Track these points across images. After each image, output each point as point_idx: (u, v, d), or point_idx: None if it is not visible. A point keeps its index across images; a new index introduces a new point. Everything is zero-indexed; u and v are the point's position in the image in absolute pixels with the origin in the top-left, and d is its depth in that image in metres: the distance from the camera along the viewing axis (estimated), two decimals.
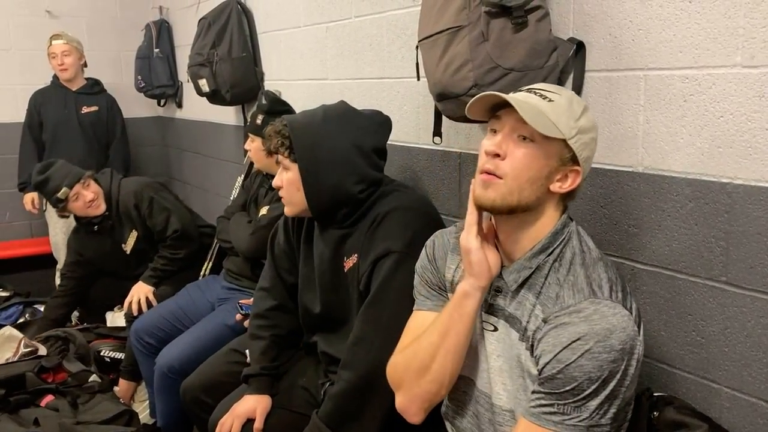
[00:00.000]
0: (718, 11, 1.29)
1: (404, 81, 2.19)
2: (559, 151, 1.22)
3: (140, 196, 3.03)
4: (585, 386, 1.13)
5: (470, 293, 1.28)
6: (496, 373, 1.32)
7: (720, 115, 1.32)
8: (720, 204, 1.34)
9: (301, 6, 2.79)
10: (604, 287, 1.19)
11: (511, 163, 1.21)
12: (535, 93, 1.24)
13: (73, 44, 3.91)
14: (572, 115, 1.22)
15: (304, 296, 1.97)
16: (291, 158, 1.81)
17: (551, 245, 1.25)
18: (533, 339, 1.22)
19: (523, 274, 1.26)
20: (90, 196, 2.99)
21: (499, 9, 1.53)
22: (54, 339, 2.70)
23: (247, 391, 1.90)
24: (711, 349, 1.39)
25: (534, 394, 1.19)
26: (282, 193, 1.87)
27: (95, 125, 4.03)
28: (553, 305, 1.21)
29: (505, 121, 1.23)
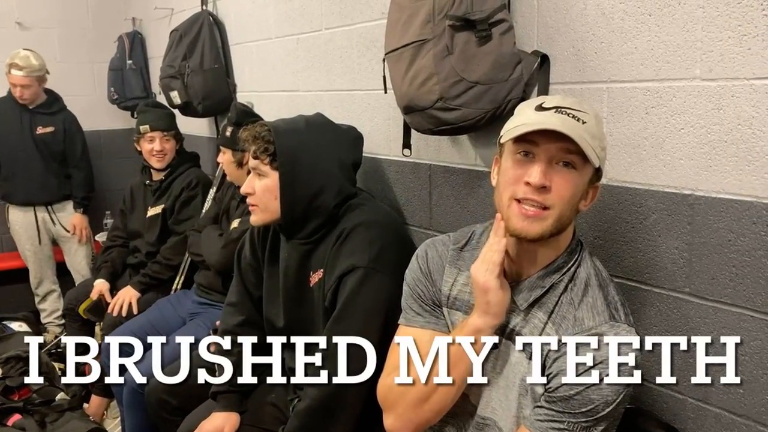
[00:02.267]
0: (677, 25, 1.31)
1: (374, 93, 2.19)
2: (591, 173, 1.21)
3: (195, 184, 3.09)
4: (600, 409, 1.13)
5: (484, 331, 1.23)
6: (491, 389, 1.31)
7: (681, 127, 1.33)
8: (682, 215, 1.34)
9: (272, 18, 2.79)
10: (620, 310, 1.19)
11: (558, 193, 1.16)
12: (567, 114, 1.17)
13: (33, 75, 3.71)
14: (600, 135, 1.20)
15: (268, 309, 1.96)
16: (272, 165, 1.78)
17: (566, 264, 1.24)
18: (545, 358, 1.20)
19: (535, 294, 1.24)
20: (159, 147, 3.08)
21: (463, 22, 1.54)
22: (15, 360, 2.65)
23: (216, 408, 1.88)
24: (676, 360, 1.39)
25: (540, 409, 1.19)
26: (254, 200, 1.83)
27: (51, 145, 3.88)
28: (571, 327, 1.19)
29: (544, 147, 1.16)
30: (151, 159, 3.11)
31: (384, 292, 1.67)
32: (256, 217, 1.85)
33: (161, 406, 2.16)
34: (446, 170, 1.96)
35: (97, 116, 4.39)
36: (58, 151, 3.90)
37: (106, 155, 4.34)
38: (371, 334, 1.64)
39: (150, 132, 3.07)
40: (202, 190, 3.08)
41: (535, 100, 1.24)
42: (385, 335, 1.63)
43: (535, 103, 1.22)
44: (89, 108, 4.47)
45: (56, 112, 3.92)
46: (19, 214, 3.87)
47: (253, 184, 1.81)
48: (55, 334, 3.82)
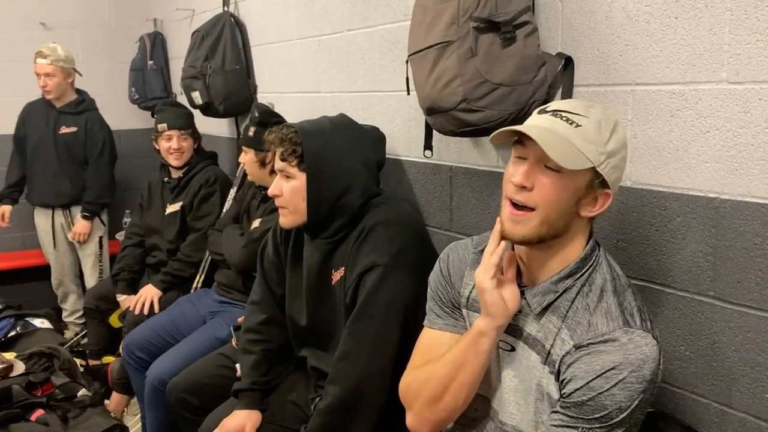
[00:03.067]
0: (704, 27, 1.30)
1: (395, 94, 2.20)
2: (588, 177, 1.18)
3: (213, 181, 3.13)
4: (614, 415, 1.13)
5: (486, 332, 1.25)
6: (509, 393, 1.31)
7: (707, 130, 1.33)
8: (707, 219, 1.34)
9: (294, 19, 2.80)
10: (636, 316, 1.18)
11: (540, 193, 1.17)
12: (561, 117, 1.19)
13: (58, 64, 3.67)
14: (601, 140, 1.17)
15: (290, 308, 1.97)
16: (299, 166, 1.80)
17: (579, 270, 1.23)
18: (560, 363, 1.21)
19: (548, 298, 1.24)
20: (176, 146, 3.11)
21: (488, 25, 1.54)
22: (38, 356, 2.67)
23: (237, 406, 1.90)
24: (699, 363, 1.39)
25: (556, 414, 1.19)
26: (282, 202, 1.84)
27: (71, 146, 3.80)
28: (585, 332, 1.19)
29: (530, 149, 1.18)
30: (169, 157, 3.14)
31: (403, 289, 1.69)
32: (287, 220, 1.86)
33: (182, 405, 2.19)
34: (467, 172, 1.96)
35: (117, 116, 4.43)
36: (79, 153, 3.82)
37: (126, 155, 4.37)
38: (391, 332, 1.66)
39: (168, 130, 3.11)
40: (221, 187, 3.11)
41: (548, 105, 1.26)
42: (404, 332, 1.65)
43: (543, 106, 1.25)
44: (110, 108, 4.50)
45: (81, 112, 3.84)
46: (41, 216, 3.90)
47: (281, 186, 1.83)
48: (75, 332, 3.87)
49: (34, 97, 4.09)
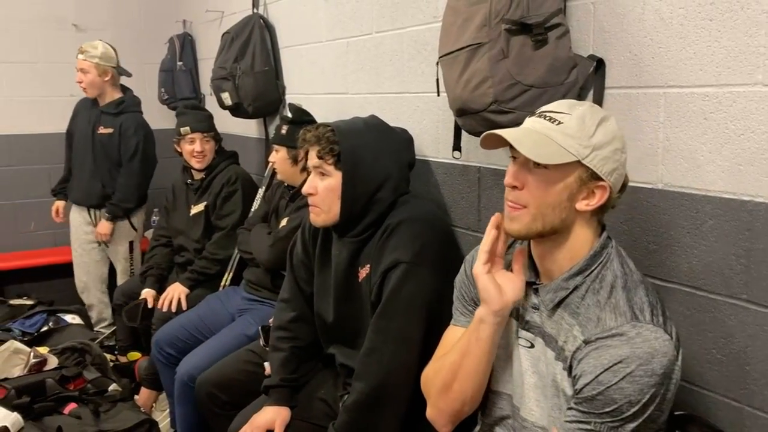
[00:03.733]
0: (740, 30, 1.30)
1: (424, 96, 2.21)
2: (576, 172, 1.21)
3: (235, 180, 3.16)
4: (624, 409, 1.13)
5: (484, 319, 1.30)
6: (530, 390, 1.33)
7: (741, 132, 1.32)
8: (741, 222, 1.33)
9: (323, 21, 2.83)
10: (646, 311, 1.19)
11: (529, 191, 1.23)
12: (545, 117, 1.24)
13: (93, 61, 3.60)
14: (585, 134, 1.20)
15: (319, 305, 2.00)
16: (336, 165, 1.82)
17: (589, 267, 1.25)
18: (572, 359, 1.22)
19: (559, 295, 1.26)
20: (199, 149, 3.15)
21: (519, 26, 1.55)
22: (70, 351, 2.73)
23: (267, 403, 1.92)
24: (732, 367, 1.38)
25: (570, 411, 1.20)
26: (316, 201, 1.85)
27: (107, 147, 3.72)
28: (594, 327, 1.20)
29: (518, 151, 1.23)
30: (192, 160, 3.18)
31: (426, 286, 1.71)
32: (319, 218, 1.87)
33: (211, 400, 2.22)
34: (496, 173, 1.97)
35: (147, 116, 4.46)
36: (113, 155, 3.73)
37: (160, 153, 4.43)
38: (414, 328, 1.68)
39: (191, 133, 3.14)
40: (242, 185, 3.15)
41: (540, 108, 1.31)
42: (428, 328, 1.67)
43: (537, 110, 1.30)
44: None
45: (120, 113, 3.73)
46: (75, 213, 3.88)
47: (316, 185, 1.84)
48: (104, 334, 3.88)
49: (66, 97, 4.18)
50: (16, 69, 4.32)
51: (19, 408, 2.30)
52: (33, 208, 4.39)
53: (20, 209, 4.40)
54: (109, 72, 3.68)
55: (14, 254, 4.31)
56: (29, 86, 4.37)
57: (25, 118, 4.37)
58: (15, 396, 2.35)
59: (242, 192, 3.14)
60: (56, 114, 4.36)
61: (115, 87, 3.76)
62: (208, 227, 3.18)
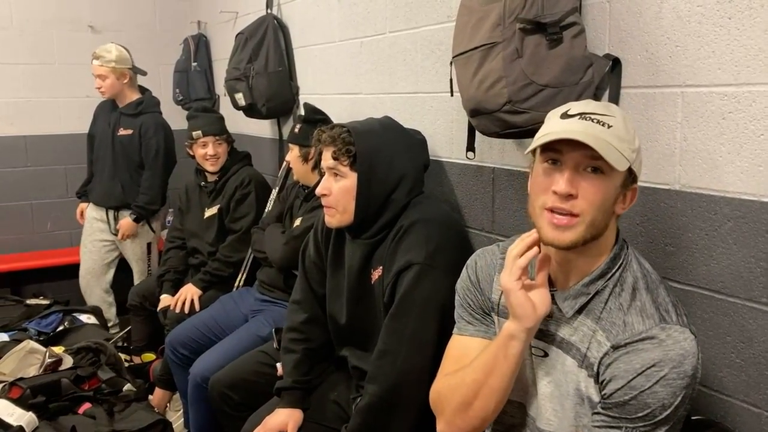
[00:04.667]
0: (759, 28, 1.27)
1: (437, 96, 2.20)
2: (623, 176, 1.19)
3: (248, 182, 3.16)
4: (658, 413, 1.12)
5: (516, 335, 1.23)
6: (546, 399, 1.30)
7: (760, 133, 1.30)
8: (760, 224, 1.31)
9: (336, 21, 2.82)
10: (671, 311, 1.17)
11: (586, 199, 1.16)
12: (592, 119, 1.17)
13: (109, 65, 3.58)
14: (630, 137, 1.18)
15: (331, 307, 1.99)
16: (351, 166, 1.81)
17: (610, 270, 1.23)
18: (599, 365, 1.20)
19: (580, 301, 1.23)
20: (212, 152, 3.15)
21: (534, 26, 1.53)
22: (85, 351, 2.74)
23: (279, 404, 1.92)
24: (751, 372, 1.35)
25: (597, 416, 1.18)
26: (330, 201, 1.84)
27: (126, 148, 3.71)
28: (621, 332, 1.18)
29: (569, 155, 1.16)
30: (205, 163, 3.18)
31: (440, 288, 1.69)
32: (334, 220, 1.86)
33: (224, 401, 2.23)
34: (510, 174, 1.95)
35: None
36: (134, 157, 3.71)
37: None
38: (428, 330, 1.67)
39: (203, 137, 3.14)
40: (255, 187, 3.15)
41: (562, 108, 1.24)
42: (442, 330, 1.66)
43: (561, 110, 1.23)
44: None
45: (139, 114, 3.71)
46: (92, 212, 3.88)
47: (330, 185, 1.83)
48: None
49: (83, 98, 4.21)
50: (32, 70, 4.35)
51: (34, 407, 2.31)
52: (50, 209, 4.44)
53: (37, 209, 4.45)
54: (126, 74, 3.67)
55: (31, 254, 4.35)
56: (46, 87, 4.40)
57: (41, 119, 4.40)
58: (30, 395, 2.36)
59: (255, 194, 3.14)
60: (73, 115, 4.41)
61: (133, 88, 3.75)
62: (222, 230, 3.18)
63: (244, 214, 3.13)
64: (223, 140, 3.19)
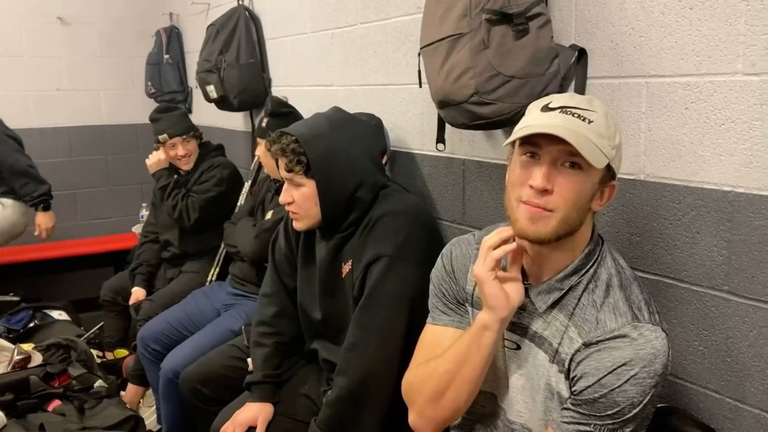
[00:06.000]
0: (720, 18, 1.28)
1: (408, 87, 2.19)
2: (602, 173, 1.18)
3: (215, 166, 3.15)
4: (626, 411, 1.12)
5: (489, 326, 1.22)
6: (517, 392, 1.31)
7: (722, 123, 1.31)
8: (722, 213, 1.32)
9: (307, 12, 2.80)
10: (644, 309, 1.18)
11: (561, 195, 1.15)
12: (573, 114, 1.15)
13: None
14: (610, 134, 1.17)
15: (303, 300, 1.98)
16: (307, 174, 1.78)
17: (584, 266, 1.22)
18: (570, 362, 1.20)
19: (553, 296, 1.23)
20: (182, 152, 3.14)
21: (500, 16, 1.53)
22: (55, 347, 2.70)
23: (249, 399, 1.91)
24: (713, 358, 1.37)
25: (567, 411, 1.18)
26: (294, 208, 1.83)
27: None
28: (594, 329, 1.18)
29: (547, 149, 1.15)
30: (179, 163, 3.17)
31: (410, 280, 1.69)
32: (301, 224, 1.86)
33: (195, 396, 2.21)
34: (480, 165, 1.95)
35: (134, 110, 4.48)
36: None
37: (143, 148, 4.39)
38: (398, 322, 1.67)
39: (170, 140, 3.11)
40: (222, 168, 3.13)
41: (544, 100, 1.22)
42: (411, 322, 1.66)
43: (542, 102, 1.21)
44: (126, 102, 4.58)
45: None
46: None
47: (291, 194, 1.82)
48: None
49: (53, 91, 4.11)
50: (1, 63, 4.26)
51: (2, 406, 2.27)
52: None
53: None
54: None
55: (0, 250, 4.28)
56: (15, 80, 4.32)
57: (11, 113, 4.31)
58: None
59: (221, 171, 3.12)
60: (43, 108, 4.34)
61: None
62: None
63: (208, 178, 3.11)
64: (190, 138, 3.15)
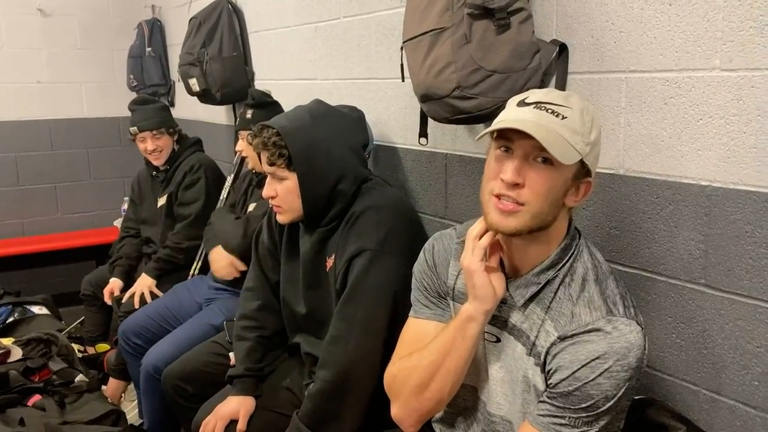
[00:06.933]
0: (698, 14, 1.30)
1: (392, 82, 2.19)
2: (575, 169, 1.18)
3: (197, 167, 3.09)
4: (601, 404, 1.13)
5: (475, 317, 1.24)
6: (497, 384, 1.32)
7: (699, 118, 1.32)
8: (699, 207, 1.34)
9: (291, 6, 2.79)
10: (619, 303, 1.19)
11: (532, 189, 1.16)
12: (546, 110, 1.17)
13: None
14: (585, 130, 1.17)
15: (286, 294, 1.98)
16: (289, 168, 1.78)
17: (561, 260, 1.24)
18: (546, 354, 1.21)
19: (531, 290, 1.24)
20: (152, 147, 3.09)
21: (482, 11, 1.53)
22: (35, 342, 2.68)
23: (231, 392, 1.90)
24: (690, 351, 1.39)
25: (543, 404, 1.19)
26: (278, 202, 1.83)
27: None
28: (568, 322, 1.19)
29: (519, 144, 1.16)
30: (149, 157, 3.14)
31: (392, 273, 1.69)
32: (284, 217, 1.86)
33: (177, 393, 2.19)
34: (462, 159, 1.96)
35: (116, 103, 4.43)
36: None
37: (125, 141, 4.36)
38: (380, 315, 1.67)
39: (140, 133, 3.08)
40: (205, 172, 3.09)
41: (522, 95, 1.23)
42: (393, 316, 1.66)
43: (520, 98, 1.23)
44: (109, 95, 4.53)
45: None
46: None
47: (275, 188, 1.81)
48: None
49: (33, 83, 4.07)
50: None
51: None
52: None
53: None
54: None
55: None
56: None
57: None
58: None
59: (206, 180, 3.08)
60: (23, 101, 4.29)
61: None
62: (174, 218, 3.13)
63: (192, 199, 3.06)
64: (161, 133, 3.11)
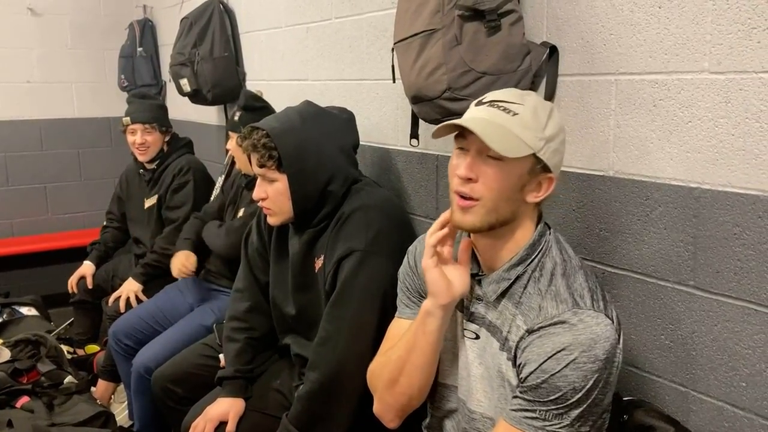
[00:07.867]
0: (687, 17, 1.30)
1: (383, 83, 2.19)
2: (529, 164, 1.21)
3: (186, 170, 3.07)
4: (569, 396, 1.13)
5: (432, 312, 1.28)
6: (477, 381, 1.33)
7: (688, 120, 1.33)
8: (688, 209, 1.34)
9: (282, 6, 2.79)
10: (586, 297, 1.19)
11: (485, 184, 1.19)
12: (498, 107, 1.21)
13: None
14: (538, 126, 1.20)
15: (276, 296, 1.97)
16: (279, 169, 1.78)
17: (529, 256, 1.25)
18: (516, 349, 1.22)
19: (501, 285, 1.26)
20: (140, 140, 3.05)
21: (473, 13, 1.53)
22: (24, 343, 2.66)
23: (221, 394, 1.90)
24: (678, 352, 1.40)
25: (515, 399, 1.20)
26: (268, 204, 1.83)
27: None
28: (536, 316, 1.20)
29: (471, 141, 1.20)
30: (135, 151, 3.10)
31: (381, 274, 1.69)
32: (275, 219, 1.85)
33: (167, 395, 2.19)
34: None
35: (107, 103, 4.41)
36: None
37: (116, 141, 4.36)
38: (369, 316, 1.67)
39: (131, 124, 3.05)
40: (195, 175, 3.07)
41: (484, 96, 1.27)
42: (383, 317, 1.66)
43: (480, 98, 1.27)
44: (100, 95, 4.51)
45: None
46: None
47: (265, 189, 1.81)
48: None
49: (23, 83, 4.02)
50: None
51: None
52: None
53: None
54: None
55: None
56: None
57: None
58: None
59: (194, 183, 3.05)
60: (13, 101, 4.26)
61: None
62: (162, 221, 3.11)
63: (180, 203, 3.03)
64: (153, 129, 3.07)
